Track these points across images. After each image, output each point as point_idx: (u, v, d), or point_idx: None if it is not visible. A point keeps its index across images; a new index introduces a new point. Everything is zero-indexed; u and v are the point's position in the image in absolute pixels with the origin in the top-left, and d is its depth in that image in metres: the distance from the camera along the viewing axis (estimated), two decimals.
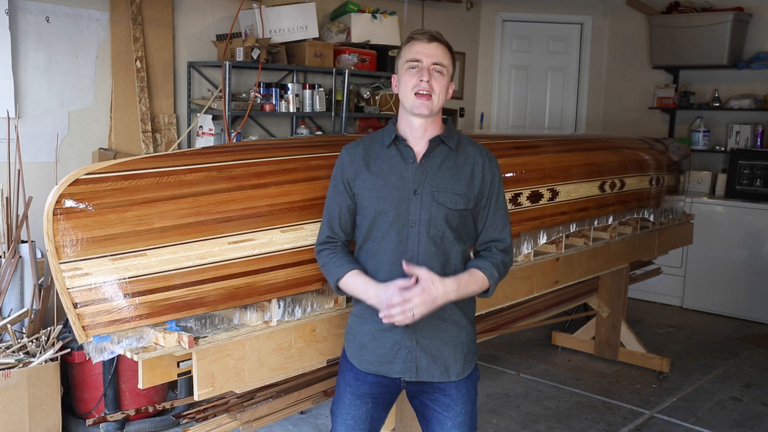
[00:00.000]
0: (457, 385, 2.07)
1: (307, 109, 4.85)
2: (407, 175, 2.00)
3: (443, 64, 2.00)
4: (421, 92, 1.97)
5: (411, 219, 1.98)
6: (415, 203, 1.98)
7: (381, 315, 1.92)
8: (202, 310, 2.06)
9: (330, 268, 2.05)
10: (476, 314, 2.97)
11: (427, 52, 1.98)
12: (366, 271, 2.03)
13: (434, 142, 2.03)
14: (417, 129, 2.03)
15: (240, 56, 4.42)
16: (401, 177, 2.00)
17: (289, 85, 4.74)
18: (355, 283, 2.01)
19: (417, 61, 1.99)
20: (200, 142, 4.52)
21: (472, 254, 2.14)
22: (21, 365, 3.11)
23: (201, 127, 4.52)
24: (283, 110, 4.71)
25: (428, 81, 1.96)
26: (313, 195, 2.24)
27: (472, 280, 2.01)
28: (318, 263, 2.12)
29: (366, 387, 2.08)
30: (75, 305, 1.87)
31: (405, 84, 2.00)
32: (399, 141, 2.04)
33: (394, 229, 1.99)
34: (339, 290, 2.06)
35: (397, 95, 2.07)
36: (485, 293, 2.08)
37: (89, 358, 1.97)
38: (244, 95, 4.61)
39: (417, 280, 1.90)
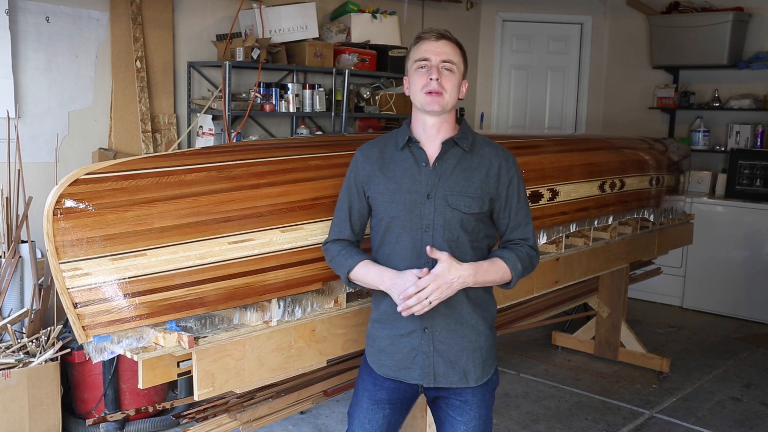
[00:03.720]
0: (473, 390, 2.04)
1: (307, 109, 4.85)
2: (420, 178, 1.97)
3: (453, 62, 1.96)
4: (431, 91, 1.93)
5: (424, 224, 1.95)
6: (429, 207, 1.95)
7: (399, 308, 1.89)
8: (202, 310, 2.06)
9: (340, 260, 2.04)
10: None
11: (436, 50, 1.95)
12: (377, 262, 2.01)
13: (447, 144, 1.99)
14: (430, 128, 1.99)
15: (240, 56, 4.42)
16: (414, 180, 1.97)
17: (289, 85, 4.74)
18: (367, 271, 1.98)
19: (425, 60, 1.95)
20: (200, 142, 4.52)
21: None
22: (21, 365, 3.11)
23: (201, 127, 4.52)
24: (283, 110, 4.71)
25: (438, 79, 1.93)
26: (313, 195, 2.24)
27: (493, 269, 1.97)
28: (326, 258, 2.11)
29: (383, 393, 2.07)
30: (75, 305, 1.87)
31: (415, 84, 1.98)
32: (412, 143, 2.00)
33: (407, 234, 1.96)
34: (350, 282, 2.03)
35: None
36: (506, 285, 2.03)
37: (89, 358, 1.97)
38: (244, 95, 4.61)
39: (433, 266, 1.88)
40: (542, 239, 3.16)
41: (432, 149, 2.00)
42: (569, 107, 6.97)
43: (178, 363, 2.11)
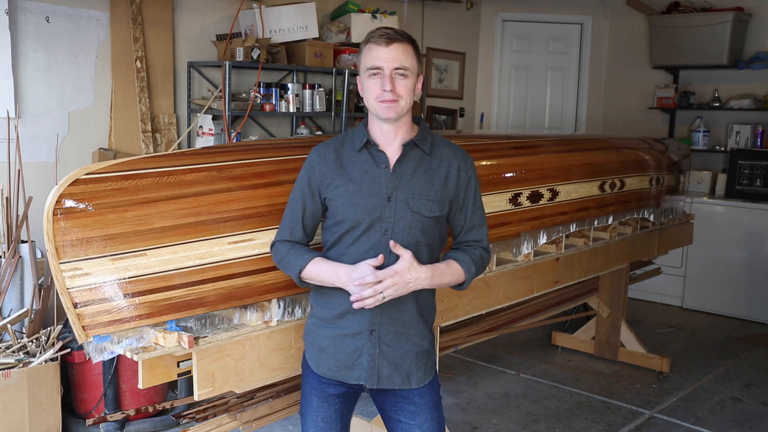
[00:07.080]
0: (420, 392, 2.04)
1: (307, 109, 4.85)
2: (380, 180, 1.93)
3: (405, 67, 1.90)
4: (385, 100, 1.90)
5: (384, 226, 1.92)
6: (389, 210, 1.92)
7: (352, 298, 1.87)
8: (202, 310, 2.06)
9: (290, 260, 1.98)
10: (475, 314, 3.00)
11: (387, 57, 1.89)
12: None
13: (408, 146, 1.96)
14: (387, 132, 1.96)
15: (240, 56, 4.42)
16: (374, 183, 1.93)
17: (289, 85, 4.74)
18: (320, 268, 1.94)
19: (377, 68, 1.90)
20: (200, 142, 4.52)
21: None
22: (21, 365, 3.11)
23: (201, 127, 4.52)
24: (283, 110, 4.71)
25: (391, 90, 1.89)
26: None
27: (449, 271, 1.98)
28: (274, 258, 2.05)
29: (331, 389, 2.06)
30: (75, 305, 1.88)
31: (368, 91, 1.94)
32: (371, 145, 1.97)
33: (366, 236, 1.93)
34: (302, 282, 1.98)
35: None
36: (460, 286, 2.04)
37: (89, 358, 1.97)
38: (244, 95, 4.61)
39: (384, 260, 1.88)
40: (542, 239, 3.16)
41: (391, 151, 1.96)
42: (569, 107, 6.97)
43: (178, 363, 2.11)
